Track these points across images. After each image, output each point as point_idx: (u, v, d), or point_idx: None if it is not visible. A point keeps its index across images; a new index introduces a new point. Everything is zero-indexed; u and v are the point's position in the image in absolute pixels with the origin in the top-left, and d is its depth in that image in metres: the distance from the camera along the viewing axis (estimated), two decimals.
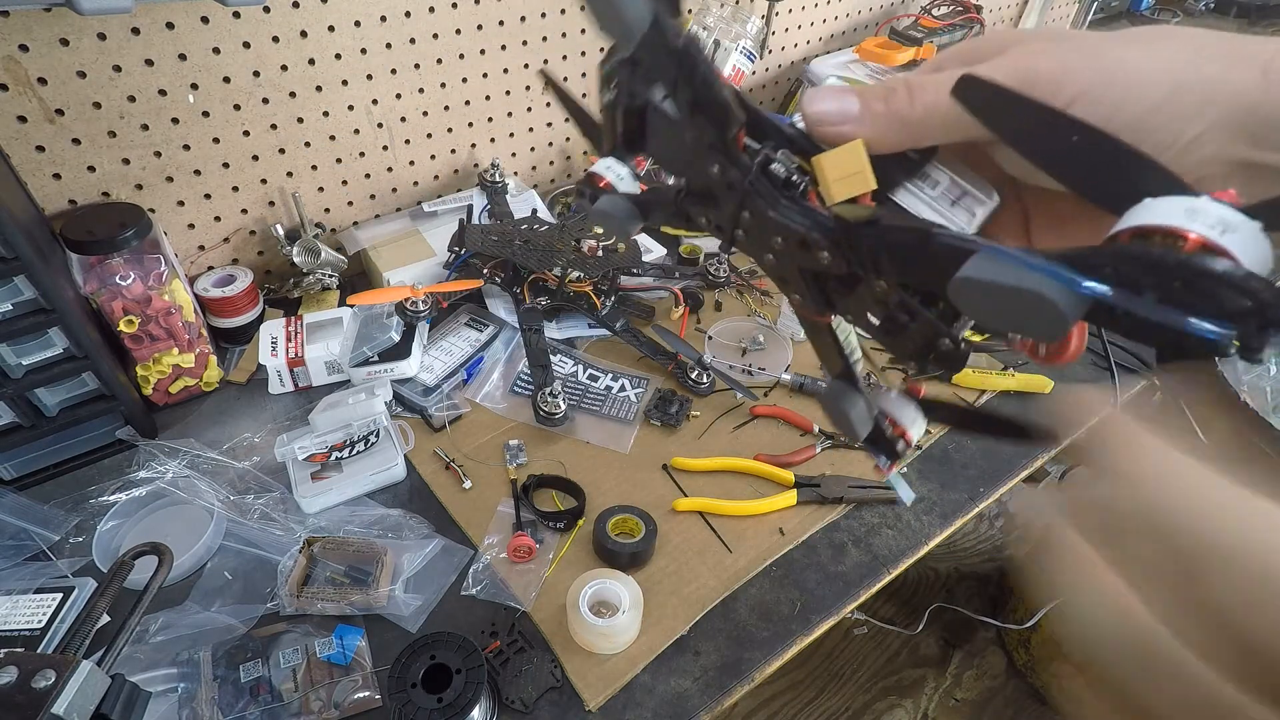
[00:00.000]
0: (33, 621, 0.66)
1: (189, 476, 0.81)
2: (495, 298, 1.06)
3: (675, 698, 0.67)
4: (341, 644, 0.67)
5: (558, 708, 0.66)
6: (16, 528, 0.75)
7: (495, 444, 0.88)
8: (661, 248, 1.15)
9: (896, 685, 1.69)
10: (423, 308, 0.92)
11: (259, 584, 0.73)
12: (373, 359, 0.92)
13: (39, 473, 0.82)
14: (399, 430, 0.86)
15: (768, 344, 1.04)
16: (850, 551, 0.80)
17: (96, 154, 0.88)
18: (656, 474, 0.86)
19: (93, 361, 0.78)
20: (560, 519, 0.79)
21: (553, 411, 0.88)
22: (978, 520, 2.07)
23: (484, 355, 0.99)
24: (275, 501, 0.79)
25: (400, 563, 0.74)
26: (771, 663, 0.70)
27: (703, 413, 0.94)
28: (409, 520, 0.79)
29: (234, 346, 0.99)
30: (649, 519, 0.78)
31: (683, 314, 1.07)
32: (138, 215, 0.84)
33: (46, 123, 0.84)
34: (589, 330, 1.04)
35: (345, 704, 0.64)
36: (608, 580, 0.70)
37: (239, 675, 0.65)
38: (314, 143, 1.04)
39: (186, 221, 1.00)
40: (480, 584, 0.74)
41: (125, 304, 0.82)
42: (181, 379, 0.90)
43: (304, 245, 1.04)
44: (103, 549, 0.74)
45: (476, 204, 1.15)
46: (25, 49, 0.79)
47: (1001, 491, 0.87)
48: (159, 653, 0.66)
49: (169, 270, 0.84)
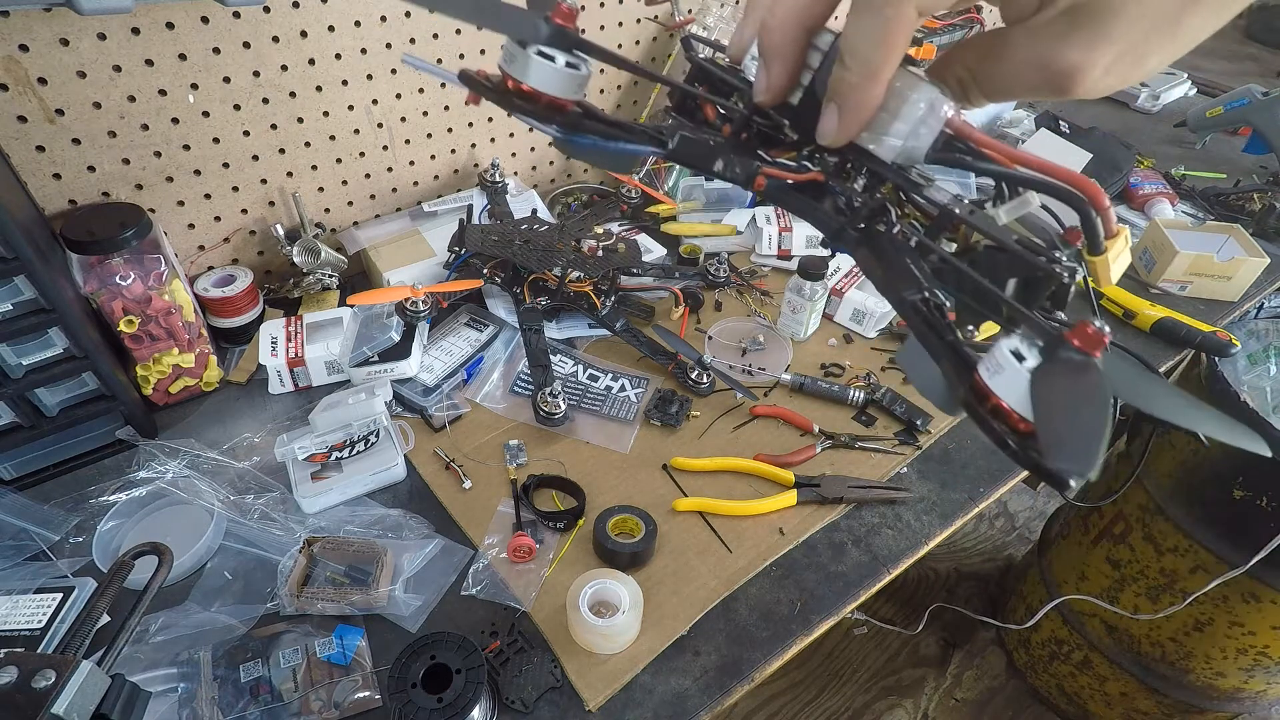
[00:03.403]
0: (33, 621, 0.66)
1: (189, 476, 0.81)
2: (495, 298, 1.06)
3: (675, 698, 0.67)
4: (341, 644, 0.67)
5: (558, 708, 0.66)
6: (16, 528, 0.75)
7: (495, 444, 0.88)
8: (661, 248, 1.15)
9: (896, 685, 1.69)
10: (423, 308, 0.92)
11: (259, 584, 0.73)
12: (373, 359, 0.92)
13: (39, 473, 0.82)
14: (399, 430, 0.86)
15: (768, 344, 1.04)
16: (850, 551, 0.80)
17: (96, 154, 0.88)
18: (656, 474, 0.86)
19: (93, 361, 0.78)
20: (560, 519, 0.79)
21: (553, 411, 0.88)
22: (978, 520, 2.07)
23: (484, 355, 0.99)
24: (275, 501, 0.79)
25: (400, 563, 0.74)
26: (771, 663, 0.70)
27: (703, 413, 0.94)
28: (409, 520, 0.79)
29: (234, 346, 0.99)
30: (649, 519, 0.78)
31: (683, 314, 1.07)
32: (138, 215, 0.84)
33: (46, 123, 0.84)
34: (589, 330, 1.04)
35: (345, 704, 0.64)
36: (608, 580, 0.70)
37: (239, 675, 0.65)
38: (314, 143, 1.04)
39: (186, 221, 1.00)
40: (480, 584, 0.74)
41: (125, 304, 0.82)
42: (181, 379, 0.90)
43: (304, 245, 1.04)
44: (103, 549, 0.74)
45: (476, 204, 1.15)
46: (25, 49, 0.79)
47: (1001, 491, 0.87)
48: (159, 653, 0.66)
49: (169, 270, 0.84)
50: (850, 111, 0.28)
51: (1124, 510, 1.33)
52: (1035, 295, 0.28)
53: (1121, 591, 1.34)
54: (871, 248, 0.32)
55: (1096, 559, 1.39)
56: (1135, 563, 1.30)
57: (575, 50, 0.30)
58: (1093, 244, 0.29)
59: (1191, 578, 1.20)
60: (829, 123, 0.29)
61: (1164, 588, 1.26)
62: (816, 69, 0.30)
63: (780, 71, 0.30)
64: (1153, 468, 1.26)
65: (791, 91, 0.31)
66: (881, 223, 0.31)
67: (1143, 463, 1.22)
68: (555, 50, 0.29)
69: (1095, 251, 0.29)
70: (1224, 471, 1.13)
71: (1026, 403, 0.24)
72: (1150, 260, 1.19)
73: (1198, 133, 1.59)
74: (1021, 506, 2.10)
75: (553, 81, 0.30)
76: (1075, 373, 0.24)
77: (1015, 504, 2.11)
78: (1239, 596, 1.18)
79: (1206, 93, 1.91)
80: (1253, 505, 1.10)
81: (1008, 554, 1.98)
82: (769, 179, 0.33)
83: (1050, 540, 1.57)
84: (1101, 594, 1.38)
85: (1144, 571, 1.29)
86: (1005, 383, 0.25)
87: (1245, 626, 1.21)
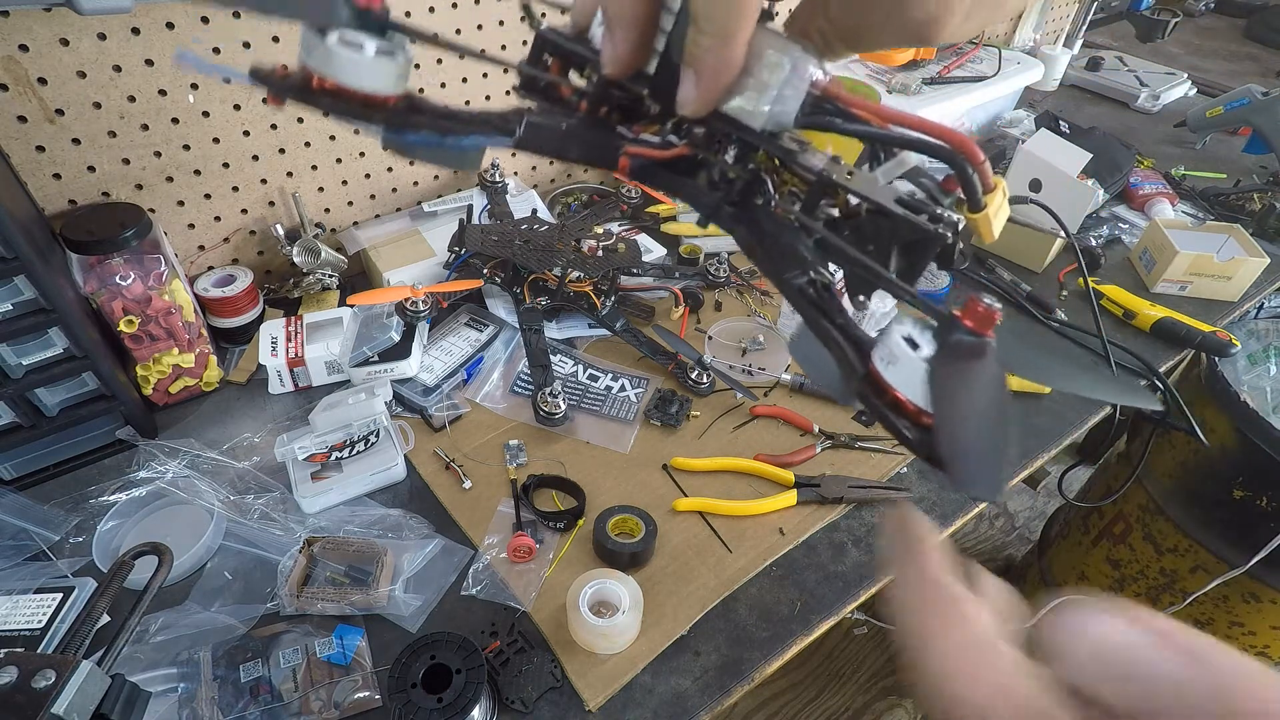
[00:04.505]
0: (33, 621, 0.66)
1: (189, 476, 0.81)
2: (495, 298, 1.06)
3: (675, 698, 0.67)
4: (341, 644, 0.67)
5: (558, 708, 0.66)
6: (16, 528, 0.75)
7: (495, 444, 0.88)
8: (661, 248, 1.15)
9: (896, 685, 1.69)
10: (423, 308, 0.92)
11: (259, 584, 0.73)
12: (373, 359, 0.92)
13: (39, 473, 0.82)
14: (399, 430, 0.86)
15: (768, 344, 1.04)
16: (850, 551, 0.80)
17: (96, 154, 0.88)
18: (656, 474, 0.86)
19: (93, 361, 0.78)
20: (560, 519, 0.79)
21: (553, 411, 0.88)
22: (978, 520, 2.07)
23: (484, 355, 0.99)
24: (275, 501, 0.79)
25: (400, 563, 0.74)
26: (771, 663, 0.70)
27: (703, 413, 0.94)
28: (409, 520, 0.79)
29: (234, 346, 0.99)
30: (649, 519, 0.78)
31: (683, 314, 1.07)
32: (138, 215, 0.84)
33: (46, 123, 0.84)
34: (589, 330, 1.04)
35: (345, 704, 0.64)
36: (608, 580, 0.70)
37: (239, 675, 0.65)
38: (314, 142, 1.04)
39: (186, 221, 1.00)
40: (480, 584, 0.74)
41: (125, 304, 0.82)
42: (181, 379, 0.90)
43: (304, 245, 1.04)
44: (103, 549, 0.74)
45: (476, 204, 1.15)
46: (25, 49, 0.79)
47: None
48: (159, 653, 0.66)
49: (169, 270, 0.84)
50: (708, 77, 0.26)
51: (1124, 510, 1.33)
52: (921, 258, 0.27)
53: (1121, 591, 1.34)
54: (749, 226, 0.29)
55: (1096, 559, 1.39)
56: (1135, 563, 1.30)
57: (387, 34, 0.26)
58: (972, 201, 0.27)
59: (1191, 578, 1.21)
60: (687, 91, 0.26)
61: (1164, 588, 1.26)
62: (670, 32, 0.27)
63: (628, 39, 0.27)
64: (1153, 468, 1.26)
65: (645, 60, 0.28)
66: (759, 196, 0.29)
67: (1143, 463, 1.22)
68: (361, 36, 0.25)
69: (975, 209, 0.27)
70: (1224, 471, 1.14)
71: (926, 395, 0.23)
72: (1150, 260, 1.19)
73: (1198, 133, 1.59)
74: (1021, 506, 2.10)
75: (363, 73, 0.26)
76: (969, 358, 0.23)
77: (1015, 504, 2.11)
78: (1239, 596, 1.18)
79: (1206, 93, 1.91)
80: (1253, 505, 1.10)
81: (1008, 554, 1.98)
82: (632, 158, 0.30)
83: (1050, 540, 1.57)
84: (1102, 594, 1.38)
85: (1144, 571, 1.29)
86: (902, 374, 0.23)
87: (1245, 626, 1.21)
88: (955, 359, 0.23)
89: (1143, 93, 1.79)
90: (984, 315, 0.23)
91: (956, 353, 0.23)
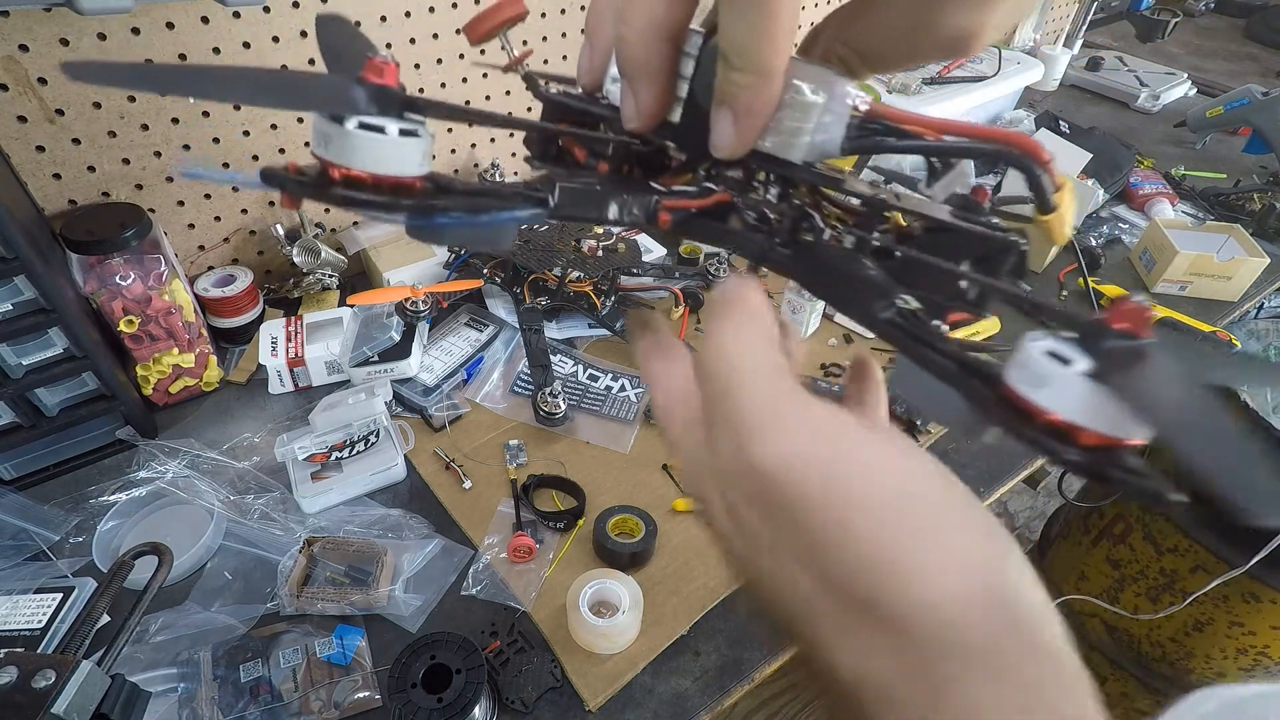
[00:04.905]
0: (33, 621, 0.66)
1: (189, 476, 0.81)
2: (495, 298, 1.06)
3: (675, 698, 0.67)
4: (341, 644, 0.67)
5: (558, 708, 0.66)
6: (16, 528, 0.75)
7: (495, 444, 0.88)
8: (661, 248, 1.15)
9: None
10: (423, 308, 0.92)
11: (259, 584, 0.73)
12: (373, 359, 0.92)
13: (39, 473, 0.82)
14: (399, 430, 0.86)
15: None
16: None
17: (96, 154, 0.88)
18: (656, 474, 0.86)
19: (93, 361, 0.78)
20: (560, 519, 0.79)
21: (553, 411, 0.88)
22: None
23: (484, 355, 0.99)
24: (275, 501, 0.79)
25: (400, 563, 0.74)
26: (771, 663, 0.70)
27: None
28: (409, 520, 0.79)
29: (234, 346, 0.99)
30: (649, 519, 0.78)
31: (683, 314, 1.07)
32: (138, 215, 0.84)
33: (46, 123, 0.84)
34: (589, 330, 1.04)
35: (345, 704, 0.64)
36: (608, 580, 0.70)
37: (239, 675, 0.65)
38: None
39: (186, 221, 1.00)
40: (480, 584, 0.74)
41: (125, 304, 0.82)
42: (181, 379, 0.90)
43: (304, 245, 1.04)
44: (103, 549, 0.74)
45: None
46: (25, 49, 0.79)
47: (1002, 491, 0.87)
48: (159, 653, 0.66)
49: (169, 270, 0.84)
50: (745, 115, 0.25)
51: (1124, 510, 1.33)
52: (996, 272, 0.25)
53: (1121, 591, 1.34)
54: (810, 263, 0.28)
55: (1096, 559, 1.39)
56: (1135, 562, 1.30)
57: (407, 113, 0.23)
58: (1043, 203, 0.25)
59: (1191, 578, 1.20)
60: (724, 132, 0.25)
61: (1164, 588, 1.26)
62: (692, 76, 0.26)
63: (650, 90, 0.26)
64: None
65: (668, 110, 0.27)
66: (808, 232, 0.27)
67: None
68: (382, 118, 0.23)
69: (1046, 210, 0.25)
70: None
71: (1096, 414, 0.20)
72: (1150, 260, 1.19)
73: (1198, 133, 1.59)
74: (1021, 506, 2.10)
75: (389, 157, 0.23)
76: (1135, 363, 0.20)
77: (1015, 504, 2.11)
78: (1239, 596, 1.18)
79: (1206, 93, 1.91)
80: None
81: None
82: (672, 211, 0.28)
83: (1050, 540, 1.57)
84: (1101, 594, 1.38)
85: (1144, 571, 1.29)
86: (1058, 395, 0.21)
87: (1245, 626, 1.21)
88: (1123, 368, 0.20)
89: (1143, 93, 1.79)
90: (1136, 314, 0.20)
91: (1120, 361, 0.20)
